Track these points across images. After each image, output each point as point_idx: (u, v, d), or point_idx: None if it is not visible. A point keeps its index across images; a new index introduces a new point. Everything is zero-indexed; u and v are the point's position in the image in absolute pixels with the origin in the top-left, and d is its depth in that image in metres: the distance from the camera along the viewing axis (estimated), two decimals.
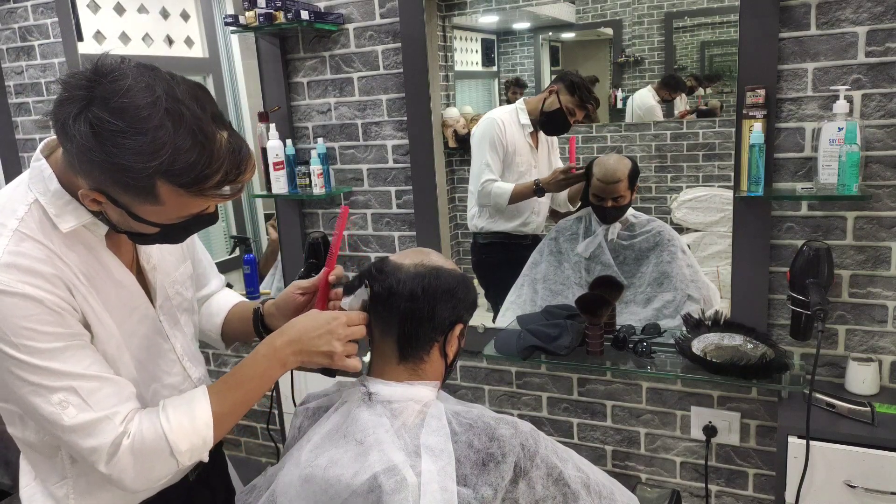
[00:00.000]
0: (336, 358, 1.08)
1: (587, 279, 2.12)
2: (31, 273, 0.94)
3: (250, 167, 0.95)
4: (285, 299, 1.26)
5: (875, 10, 1.56)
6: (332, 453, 1.06)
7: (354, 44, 2.14)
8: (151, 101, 0.85)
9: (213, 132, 0.89)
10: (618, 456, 2.12)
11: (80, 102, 0.86)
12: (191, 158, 0.87)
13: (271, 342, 1.08)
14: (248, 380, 1.08)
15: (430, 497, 0.98)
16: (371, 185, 2.24)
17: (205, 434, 1.03)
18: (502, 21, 2.30)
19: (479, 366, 2.24)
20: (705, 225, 2.08)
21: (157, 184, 0.88)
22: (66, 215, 0.98)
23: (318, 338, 1.07)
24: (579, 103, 2.10)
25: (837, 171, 1.56)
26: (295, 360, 1.08)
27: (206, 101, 0.91)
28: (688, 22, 2.04)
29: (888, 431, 1.53)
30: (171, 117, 0.86)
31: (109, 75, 0.87)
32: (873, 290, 1.69)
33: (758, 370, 1.65)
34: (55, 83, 2.66)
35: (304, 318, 1.10)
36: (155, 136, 0.85)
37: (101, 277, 1.04)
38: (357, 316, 1.11)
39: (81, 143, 0.86)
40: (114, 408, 0.98)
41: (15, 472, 1.98)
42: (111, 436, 0.96)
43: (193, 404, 1.04)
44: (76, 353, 0.97)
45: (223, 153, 0.90)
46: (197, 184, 0.89)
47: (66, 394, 0.95)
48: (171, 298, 1.19)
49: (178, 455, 1.01)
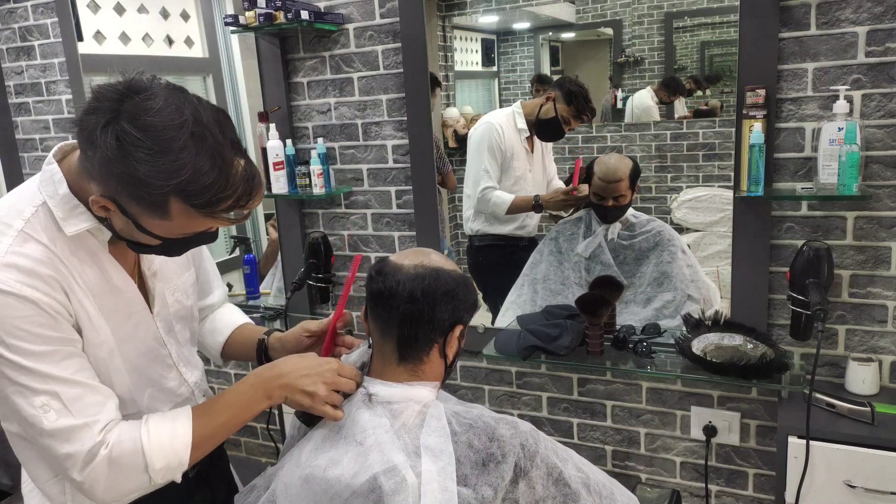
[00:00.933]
0: (316, 401, 1.08)
1: (587, 279, 2.12)
2: (31, 274, 0.95)
3: (260, 195, 0.98)
4: (291, 338, 1.28)
5: (875, 10, 1.56)
6: (331, 454, 1.06)
7: (354, 44, 2.14)
8: (179, 123, 0.89)
9: (231, 158, 0.93)
10: (618, 456, 2.12)
11: (110, 114, 0.89)
12: (208, 181, 0.90)
13: (260, 374, 1.11)
14: (231, 406, 1.09)
15: (430, 497, 0.98)
16: (371, 185, 2.24)
17: (182, 455, 1.04)
18: (502, 21, 2.30)
19: (479, 366, 2.24)
20: (705, 225, 2.08)
21: (171, 201, 0.91)
22: (72, 219, 1.00)
23: (305, 377, 1.08)
24: (575, 113, 2.10)
25: (837, 171, 1.56)
26: (280, 394, 1.09)
27: (228, 128, 0.95)
28: (688, 22, 2.04)
29: (888, 431, 1.53)
30: (195, 140, 0.89)
31: (142, 93, 0.90)
32: (873, 290, 1.69)
33: (758, 370, 1.65)
34: (67, 84, 2.65)
35: (299, 357, 1.13)
36: (178, 157, 0.88)
37: (101, 282, 1.05)
38: (350, 370, 1.12)
39: (105, 154, 0.88)
40: (94, 416, 0.99)
41: (14, 472, 1.99)
42: (88, 444, 0.97)
43: (176, 423, 1.05)
44: (65, 359, 0.98)
45: (238, 179, 0.93)
46: (209, 206, 0.92)
47: (49, 398, 0.96)
48: (170, 306, 1.20)
49: (151, 472, 1.01)
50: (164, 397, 1.19)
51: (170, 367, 1.20)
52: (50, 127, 2.74)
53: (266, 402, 1.10)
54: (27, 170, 2.84)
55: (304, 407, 1.10)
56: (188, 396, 1.24)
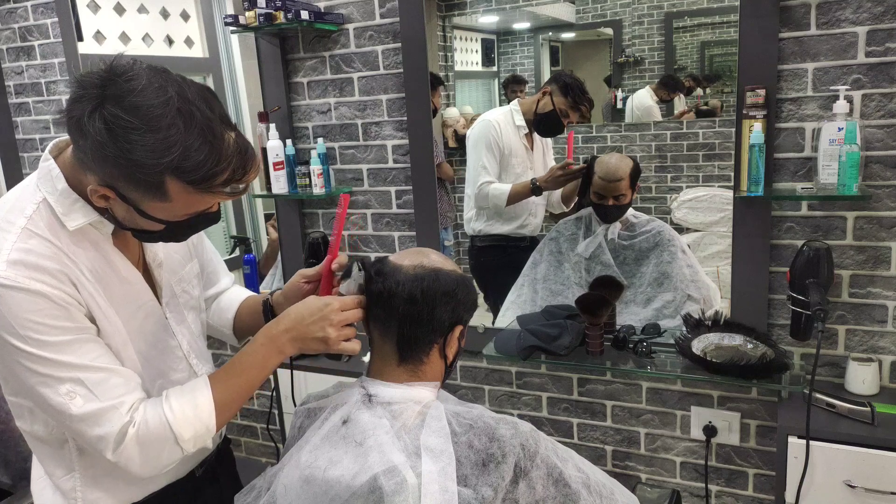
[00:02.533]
0: (331, 343, 1.09)
1: (587, 279, 2.12)
2: (38, 269, 0.96)
3: (255, 167, 0.98)
4: (291, 288, 1.27)
5: (875, 10, 1.56)
6: (332, 454, 1.06)
7: (354, 44, 2.14)
8: (164, 100, 0.88)
9: (221, 132, 0.92)
10: (618, 456, 2.12)
11: (95, 100, 0.89)
12: (200, 156, 0.90)
13: (268, 331, 1.11)
14: (247, 368, 1.10)
15: (430, 498, 0.98)
16: (371, 185, 2.24)
17: (208, 422, 1.06)
18: (502, 21, 2.30)
19: (479, 366, 2.24)
20: (705, 225, 2.08)
21: (167, 180, 0.91)
22: (73, 213, 1.00)
23: (312, 324, 1.08)
24: (573, 104, 2.10)
25: (837, 171, 1.56)
26: (292, 346, 1.10)
27: (215, 103, 0.95)
28: (688, 22, 2.04)
29: (888, 431, 1.53)
30: (183, 117, 0.89)
31: (124, 75, 0.90)
32: (873, 290, 1.69)
33: (758, 370, 1.65)
34: (67, 83, 2.65)
35: (299, 305, 1.12)
36: (167, 135, 0.88)
37: (108, 274, 1.06)
38: (350, 300, 1.12)
39: (96, 139, 0.88)
40: (120, 398, 1.00)
41: (14, 471, 1.99)
42: (118, 425, 0.99)
43: (196, 393, 1.06)
44: (83, 346, 0.99)
45: (231, 152, 0.93)
46: (205, 181, 0.92)
47: (74, 384, 0.97)
48: (178, 296, 1.21)
49: (182, 443, 1.03)
50: None
51: (179, 359, 1.20)
52: (50, 127, 2.74)
53: (279, 356, 1.10)
54: (27, 170, 2.84)
55: (320, 351, 1.11)
56: None
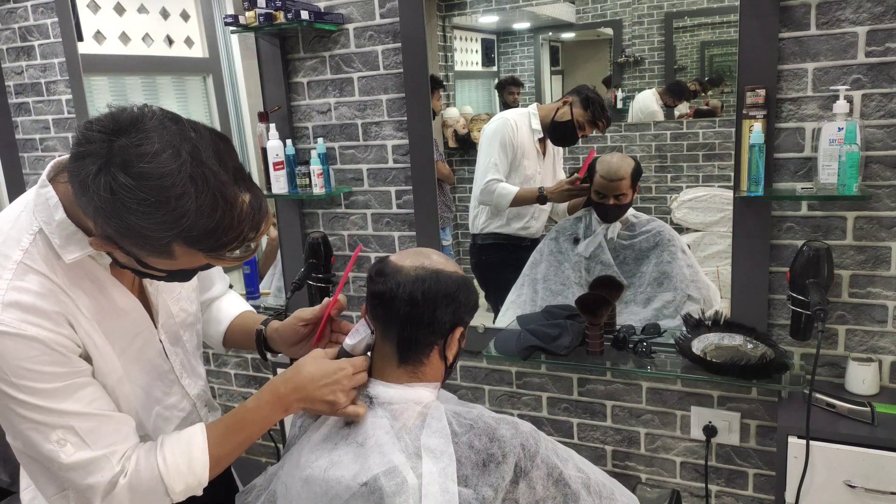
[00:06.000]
0: (338, 408, 1.08)
1: (587, 279, 2.12)
2: (34, 311, 0.93)
3: (267, 224, 0.94)
4: (287, 328, 1.26)
5: (875, 10, 1.56)
6: (332, 455, 1.06)
7: (354, 44, 2.14)
8: (176, 167, 0.82)
9: (234, 196, 0.87)
10: (618, 456, 2.12)
11: (101, 160, 0.82)
12: (210, 224, 0.85)
13: (276, 389, 1.08)
14: (249, 423, 1.08)
15: (431, 498, 0.98)
16: (371, 185, 2.24)
17: (200, 476, 1.04)
18: (502, 21, 2.30)
19: (479, 366, 2.24)
20: (705, 225, 2.08)
21: (174, 245, 0.87)
22: (70, 246, 0.96)
23: (323, 387, 1.07)
24: (591, 119, 2.11)
25: (837, 171, 1.56)
26: (298, 406, 1.09)
27: (229, 157, 0.89)
28: (688, 22, 2.04)
29: (888, 431, 1.53)
30: (195, 183, 0.83)
31: (133, 131, 0.83)
32: (873, 290, 1.69)
33: (758, 370, 1.65)
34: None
35: (311, 365, 1.09)
36: (177, 205, 0.82)
37: (105, 309, 1.03)
38: (361, 362, 1.11)
39: (99, 205, 0.83)
40: (112, 447, 0.99)
41: (13, 468, 1.98)
42: (108, 474, 0.98)
43: (192, 445, 1.04)
44: (77, 392, 0.97)
45: (243, 217, 0.88)
46: (215, 249, 0.89)
47: (65, 432, 0.96)
48: (175, 316, 1.18)
49: (172, 495, 1.02)
50: (169, 414, 1.19)
51: (172, 383, 1.19)
52: (50, 127, 2.74)
53: (283, 415, 1.09)
54: (27, 170, 2.84)
55: (325, 413, 1.10)
56: (190, 410, 1.24)
